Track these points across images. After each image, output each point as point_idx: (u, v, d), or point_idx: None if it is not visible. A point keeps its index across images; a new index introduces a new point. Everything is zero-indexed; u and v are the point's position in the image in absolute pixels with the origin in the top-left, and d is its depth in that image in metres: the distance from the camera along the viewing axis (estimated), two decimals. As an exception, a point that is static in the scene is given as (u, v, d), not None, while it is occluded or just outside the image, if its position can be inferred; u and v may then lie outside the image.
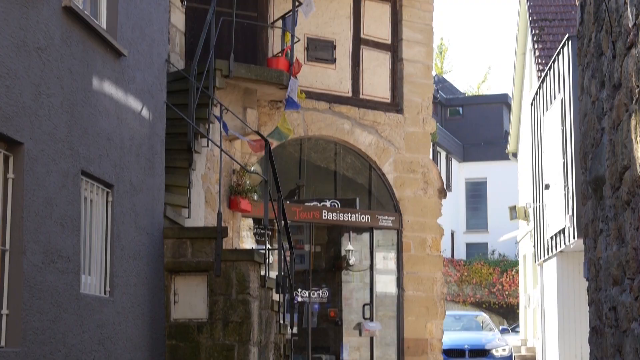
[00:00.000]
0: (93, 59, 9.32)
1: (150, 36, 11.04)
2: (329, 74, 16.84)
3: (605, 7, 8.32)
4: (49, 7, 8.32)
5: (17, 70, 7.70)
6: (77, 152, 8.84)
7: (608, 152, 8.32)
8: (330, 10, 16.88)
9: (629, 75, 7.13)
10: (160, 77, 11.43)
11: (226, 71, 13.79)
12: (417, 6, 17.80)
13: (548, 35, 28.54)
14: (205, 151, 13.43)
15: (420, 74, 17.76)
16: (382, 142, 17.22)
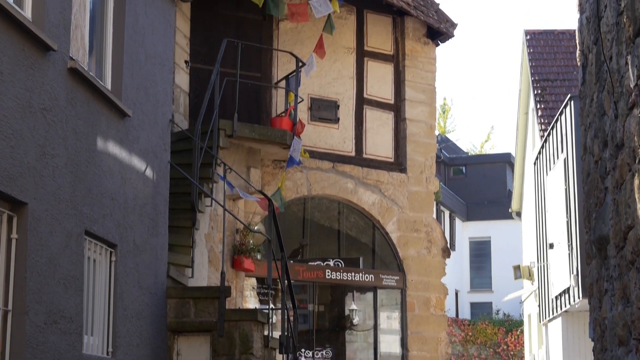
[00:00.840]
0: (98, 120, 9.38)
1: (154, 97, 11.12)
2: (332, 133, 16.91)
3: (606, 68, 8.39)
4: (55, 68, 8.39)
5: (22, 131, 7.74)
6: (80, 212, 8.85)
7: (612, 211, 8.31)
8: (334, 71, 17.00)
9: (632, 135, 7.15)
10: (165, 137, 11.48)
11: (230, 131, 13.86)
12: (420, 66, 17.93)
13: (550, 95, 28.69)
14: (208, 210, 13.44)
15: (423, 133, 17.83)
16: (385, 202, 17.22)
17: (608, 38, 8.46)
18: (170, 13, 11.88)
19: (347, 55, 17.19)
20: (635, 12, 7.03)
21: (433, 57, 18.13)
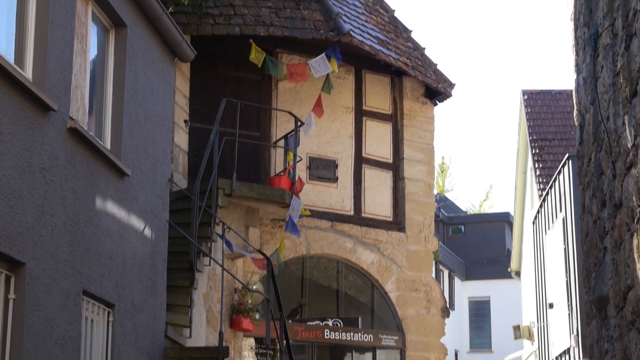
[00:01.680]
0: (97, 179, 9.39)
1: (153, 156, 11.15)
2: (331, 192, 16.93)
3: (604, 128, 8.43)
4: (55, 128, 8.43)
5: (21, 191, 7.75)
6: (78, 272, 8.82)
7: (611, 271, 8.29)
8: (332, 130, 17.07)
9: (630, 195, 7.16)
10: (163, 197, 11.49)
11: (229, 190, 13.87)
12: (418, 126, 18.01)
13: (548, 154, 28.78)
14: (207, 270, 13.40)
15: (422, 192, 17.85)
16: (384, 261, 17.18)
17: (605, 98, 8.51)
18: (170, 73, 11.97)
19: (346, 114, 17.28)
20: (632, 73, 7.09)
21: (431, 116, 18.21)
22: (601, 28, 8.84)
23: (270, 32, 15.40)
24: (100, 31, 10.10)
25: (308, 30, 15.63)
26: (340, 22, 15.67)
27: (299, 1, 16.04)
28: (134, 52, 10.55)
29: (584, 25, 10.16)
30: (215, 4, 15.32)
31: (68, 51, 8.74)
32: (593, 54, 9.26)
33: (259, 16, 15.50)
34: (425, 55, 18.06)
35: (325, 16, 15.88)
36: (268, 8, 15.72)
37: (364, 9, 17.65)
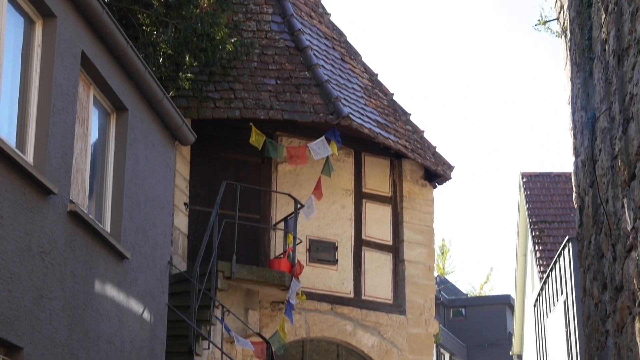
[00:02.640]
0: (96, 262, 9.37)
1: (153, 239, 11.14)
2: (330, 275, 16.87)
3: (603, 211, 8.44)
4: (55, 211, 8.44)
5: (20, 274, 7.73)
6: (77, 356, 8.75)
7: (613, 355, 8.23)
8: (332, 212, 17.09)
9: (631, 278, 7.14)
10: (163, 280, 11.45)
11: (228, 273, 13.83)
12: (418, 208, 18.03)
13: (548, 237, 28.76)
14: (206, 354, 13.28)
15: (422, 275, 17.78)
16: (384, 344, 17.04)
17: (603, 181, 8.55)
18: (171, 156, 12.03)
19: (346, 196, 17.31)
20: (630, 156, 7.13)
21: (431, 198, 18.25)
22: (598, 112, 8.92)
23: (270, 115, 15.52)
24: (101, 115, 10.19)
25: (308, 114, 15.75)
26: (340, 106, 15.81)
27: (299, 85, 16.20)
28: (135, 135, 10.62)
29: (581, 109, 10.25)
30: (215, 87, 15.48)
31: (69, 135, 8.81)
32: (591, 137, 9.32)
33: (259, 100, 15.64)
34: (424, 138, 18.18)
35: (324, 99, 16.03)
36: (268, 92, 15.87)
37: (363, 93, 17.81)
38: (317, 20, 18.51)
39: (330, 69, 17.21)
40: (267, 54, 16.60)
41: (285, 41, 16.91)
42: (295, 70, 16.45)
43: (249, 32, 16.69)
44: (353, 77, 17.96)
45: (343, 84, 17.35)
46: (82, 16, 9.23)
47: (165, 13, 13.36)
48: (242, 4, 17.17)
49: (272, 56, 16.62)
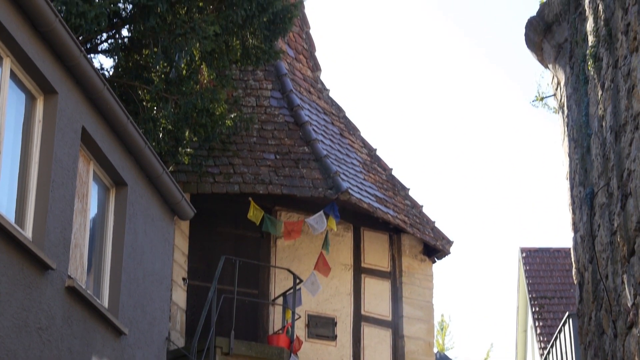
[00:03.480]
0: (93, 338, 9.30)
1: (151, 314, 11.08)
2: (329, 350, 16.72)
3: (603, 287, 8.41)
4: (53, 287, 8.41)
5: (17, 351, 7.67)
6: None
7: None
8: (331, 287, 17.02)
9: (632, 355, 7.09)
10: (160, 356, 11.36)
11: (226, 349, 13.72)
12: (417, 283, 17.95)
13: (548, 312, 28.60)
14: None
15: (422, 350, 17.63)
16: (384, 422, 16.82)
17: (603, 257, 8.53)
18: (170, 231, 12.03)
19: (345, 271, 17.26)
20: (629, 232, 7.13)
21: (430, 274, 18.18)
22: (597, 187, 8.95)
23: (269, 190, 15.55)
24: (101, 190, 10.21)
25: (307, 189, 15.78)
26: (339, 180, 15.85)
27: (298, 160, 16.27)
28: (134, 210, 10.63)
29: (579, 185, 10.27)
30: (215, 162, 15.54)
31: (68, 210, 8.82)
32: (590, 213, 9.33)
33: (258, 174, 15.69)
34: (423, 213, 18.19)
35: (323, 174, 16.08)
36: (267, 167, 15.93)
37: (362, 167, 17.88)
38: (316, 95, 18.67)
39: (329, 144, 17.30)
40: (267, 129, 16.71)
41: (284, 116, 17.03)
42: (295, 145, 16.53)
43: (248, 108, 16.81)
44: (352, 152, 18.05)
45: (342, 159, 17.43)
46: (83, 92, 9.31)
47: (165, 89, 13.47)
48: (242, 80, 17.33)
49: (271, 131, 16.72)
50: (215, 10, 13.86)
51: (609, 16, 9.51)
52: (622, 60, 8.76)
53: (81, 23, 11.71)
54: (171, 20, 13.13)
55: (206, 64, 14.34)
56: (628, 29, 8.68)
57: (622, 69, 8.75)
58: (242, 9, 13.68)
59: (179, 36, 13.05)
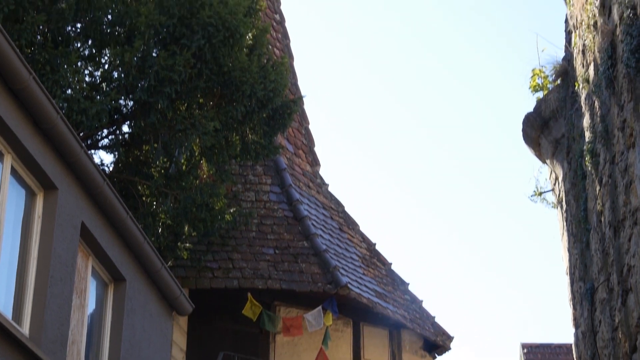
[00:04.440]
0: None
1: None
2: None
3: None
4: (49, 384, 8.31)
5: None
6: None
7: None
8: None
9: None
10: None
11: None
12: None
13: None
14: None
15: None
16: None
17: (605, 353, 8.46)
18: (168, 327, 11.94)
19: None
20: (630, 328, 7.09)
21: (431, 369, 17.99)
22: (597, 283, 8.93)
23: (268, 285, 15.49)
24: (99, 285, 10.17)
25: (306, 283, 15.72)
26: (338, 275, 15.79)
27: (297, 254, 16.24)
28: (132, 306, 10.57)
29: (579, 280, 10.25)
30: (214, 257, 15.51)
31: (66, 306, 8.77)
32: (590, 309, 9.28)
33: (257, 269, 15.64)
34: (423, 308, 18.08)
35: (323, 269, 16.03)
36: (266, 261, 15.89)
37: (361, 262, 17.83)
38: (315, 190, 18.74)
39: (328, 239, 17.29)
40: (266, 224, 16.72)
41: (283, 211, 17.06)
42: (294, 239, 16.52)
43: (247, 202, 16.85)
44: (351, 247, 18.03)
45: (341, 254, 17.40)
46: (83, 187, 9.35)
47: (165, 184, 13.54)
48: (242, 174, 17.41)
49: (270, 226, 16.73)
50: (216, 106, 14.00)
51: (605, 112, 9.61)
52: (619, 156, 8.82)
53: (82, 119, 11.83)
54: (171, 116, 13.26)
55: (206, 159, 14.43)
56: (624, 125, 8.76)
57: (619, 164, 8.81)
58: (242, 105, 13.81)
59: (179, 132, 13.16)
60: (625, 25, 8.64)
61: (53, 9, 12.17)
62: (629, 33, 8.49)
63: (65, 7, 12.23)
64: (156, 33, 12.98)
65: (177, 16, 12.99)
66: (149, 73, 12.69)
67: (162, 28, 12.95)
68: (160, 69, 12.66)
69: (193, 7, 13.02)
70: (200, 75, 13.24)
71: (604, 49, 9.50)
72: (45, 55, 11.90)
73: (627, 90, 8.65)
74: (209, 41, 13.06)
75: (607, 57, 9.37)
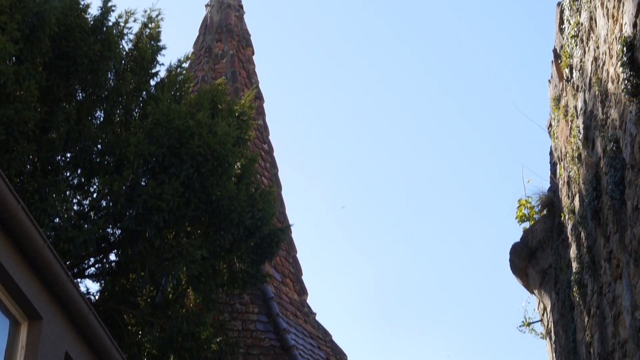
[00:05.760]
0: None
1: None
2: None
3: None
4: None
5: None
6: None
7: None
8: None
9: None
10: None
11: None
12: None
13: None
14: None
15: None
16: None
17: None
18: None
19: None
20: None
21: None
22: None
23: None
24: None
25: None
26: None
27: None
28: None
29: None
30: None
31: None
32: None
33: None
34: None
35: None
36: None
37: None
38: (302, 319, 18.61)
39: (315, 369, 17.09)
40: (253, 354, 16.53)
41: (270, 340, 16.90)
42: (281, 369, 16.32)
43: (234, 332, 16.69)
44: (339, 377, 17.82)
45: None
46: (68, 316, 9.26)
47: (151, 313, 13.42)
48: (228, 303, 17.30)
49: (257, 355, 16.54)
50: (203, 234, 14.00)
51: (592, 243, 9.65)
52: (607, 287, 8.83)
53: (69, 248, 11.80)
54: (159, 245, 13.24)
55: (193, 288, 14.35)
56: (611, 257, 8.79)
57: (607, 296, 8.80)
58: (230, 234, 13.81)
59: (166, 260, 13.12)
60: (608, 158, 8.77)
61: (43, 139, 12.31)
62: (613, 165, 8.61)
63: (56, 136, 12.37)
64: (145, 162, 13.08)
65: (167, 146, 13.10)
66: (137, 201, 12.73)
67: (151, 157, 13.05)
68: (148, 197, 12.71)
69: (182, 137, 13.14)
70: (189, 203, 13.28)
71: (589, 180, 9.61)
72: (35, 184, 11.96)
73: (613, 222, 8.71)
74: (198, 170, 13.15)
75: (592, 189, 9.47)
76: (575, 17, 10.67)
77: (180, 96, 14.20)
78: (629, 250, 8.14)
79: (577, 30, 10.52)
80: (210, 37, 20.23)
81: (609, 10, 8.83)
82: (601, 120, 9.30)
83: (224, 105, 14.59)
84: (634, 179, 8.01)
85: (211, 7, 20.77)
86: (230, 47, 19.95)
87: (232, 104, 14.82)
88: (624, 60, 8.11)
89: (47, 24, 12.27)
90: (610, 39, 8.78)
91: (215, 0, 20.83)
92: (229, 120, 14.05)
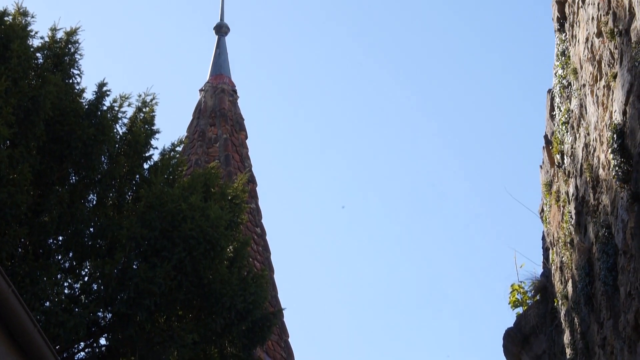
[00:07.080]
0: None
1: None
2: None
3: None
4: None
5: None
6: None
7: None
8: None
9: None
10: None
11: None
12: None
13: None
14: None
15: None
16: None
17: None
18: None
19: None
20: None
21: None
22: None
23: None
24: None
25: None
26: None
27: None
28: None
29: None
30: None
31: None
32: None
33: None
34: None
35: None
36: None
37: None
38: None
39: None
40: None
41: None
42: None
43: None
44: None
45: None
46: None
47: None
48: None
49: None
50: (195, 318, 13.89)
51: (585, 329, 9.61)
52: None
53: (59, 332, 11.68)
54: (150, 329, 13.12)
55: (183, 373, 14.19)
56: (605, 343, 8.75)
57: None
58: (222, 317, 13.70)
59: (157, 345, 12.98)
60: (600, 244, 8.78)
61: (36, 222, 12.28)
62: (605, 251, 8.62)
63: (48, 219, 12.35)
64: (137, 245, 13.03)
65: (159, 229, 13.07)
66: (129, 285, 12.65)
67: (143, 240, 13.00)
68: (140, 281, 12.63)
69: (175, 220, 13.11)
70: (180, 287, 13.20)
71: (582, 266, 9.61)
72: (26, 267, 11.89)
73: (606, 308, 8.68)
74: (190, 253, 13.09)
75: (585, 275, 9.46)
76: (565, 104, 10.79)
77: (174, 179, 14.21)
78: (622, 337, 8.11)
79: (568, 117, 10.63)
80: (204, 121, 20.38)
81: (599, 98, 8.95)
82: (593, 206, 9.34)
83: (217, 189, 14.60)
84: (627, 265, 8.01)
85: (205, 92, 20.97)
86: (224, 131, 20.09)
87: (225, 187, 14.83)
88: (615, 147, 8.18)
89: (42, 108, 12.36)
90: (601, 126, 8.87)
91: (209, 85, 21.03)
92: (221, 203, 14.05)
